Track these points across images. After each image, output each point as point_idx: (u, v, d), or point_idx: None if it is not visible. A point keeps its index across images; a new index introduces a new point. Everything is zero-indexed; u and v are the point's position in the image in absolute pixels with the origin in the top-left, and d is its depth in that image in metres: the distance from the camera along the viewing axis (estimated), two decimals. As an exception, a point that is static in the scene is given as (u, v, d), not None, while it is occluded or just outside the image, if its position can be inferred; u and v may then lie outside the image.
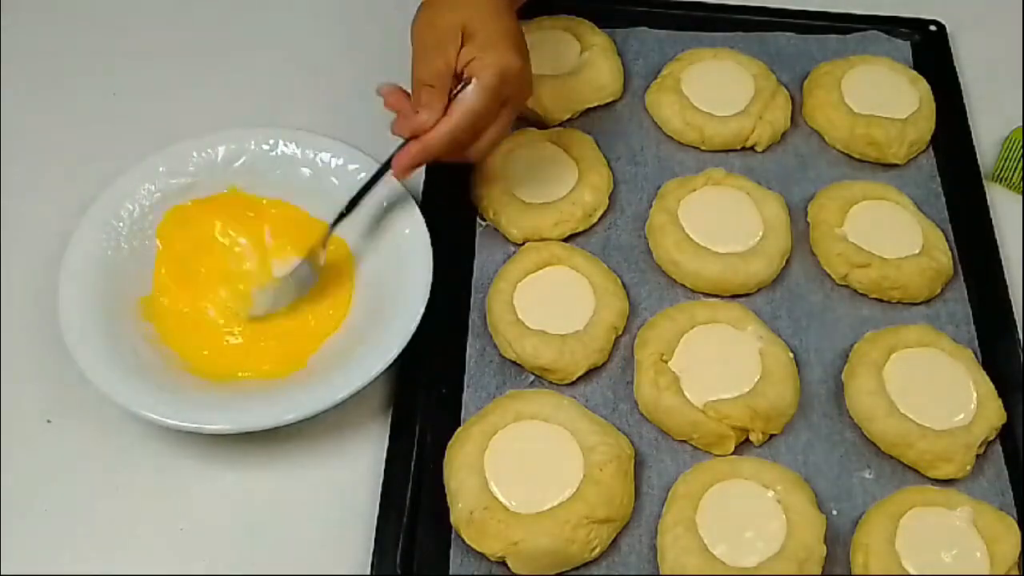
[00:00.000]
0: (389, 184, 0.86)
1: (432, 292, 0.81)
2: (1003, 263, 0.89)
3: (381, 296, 0.83)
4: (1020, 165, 0.96)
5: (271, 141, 0.89)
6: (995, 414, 0.79)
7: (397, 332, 0.79)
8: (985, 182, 0.95)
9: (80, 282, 0.80)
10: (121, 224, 0.84)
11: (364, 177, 0.83)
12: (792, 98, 0.99)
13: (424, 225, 0.84)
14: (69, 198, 0.87)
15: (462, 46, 0.77)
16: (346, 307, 0.85)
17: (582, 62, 0.99)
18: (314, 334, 0.83)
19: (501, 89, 0.77)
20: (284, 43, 1.06)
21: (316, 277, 0.85)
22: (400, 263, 0.83)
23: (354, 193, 0.83)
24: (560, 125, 0.96)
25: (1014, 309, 0.86)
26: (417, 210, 0.85)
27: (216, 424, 0.75)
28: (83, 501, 0.77)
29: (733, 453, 0.79)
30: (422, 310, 0.80)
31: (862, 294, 0.88)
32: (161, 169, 0.87)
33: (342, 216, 0.83)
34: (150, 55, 1.04)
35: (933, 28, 1.05)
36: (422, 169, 0.90)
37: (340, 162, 0.88)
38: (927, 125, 0.97)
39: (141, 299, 0.83)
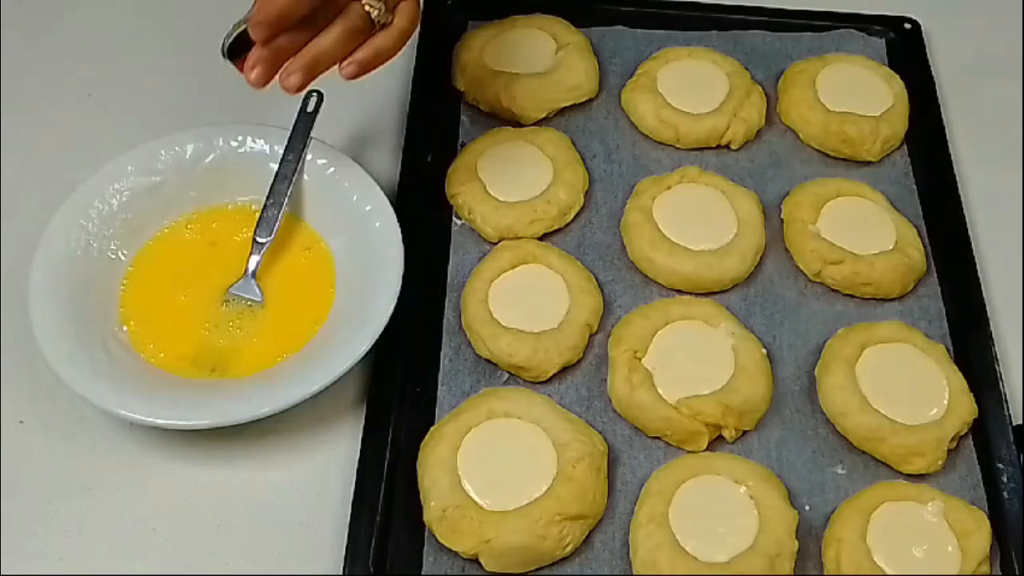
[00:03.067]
0: (361, 181, 0.86)
1: (407, 291, 0.81)
2: (976, 259, 0.89)
3: (353, 291, 0.83)
4: None
5: (239, 138, 0.88)
6: (967, 409, 0.79)
7: (369, 327, 0.78)
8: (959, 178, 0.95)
9: (50, 282, 0.80)
10: (90, 224, 0.84)
11: (333, 171, 0.83)
12: (767, 96, 0.99)
13: (395, 218, 0.84)
14: (39, 198, 0.87)
15: None
16: (325, 303, 0.84)
17: (557, 61, 0.99)
18: (291, 331, 0.83)
19: None
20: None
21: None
22: (371, 257, 0.83)
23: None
24: (536, 124, 0.96)
25: (986, 305, 0.86)
26: (387, 203, 0.85)
27: (189, 420, 0.75)
28: (55, 502, 0.77)
29: (706, 449, 0.79)
30: (394, 304, 0.79)
31: (835, 290, 0.88)
32: (130, 168, 0.86)
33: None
34: (123, 55, 1.03)
35: (908, 26, 1.06)
36: (397, 167, 0.91)
37: (309, 157, 0.88)
38: (901, 122, 0.97)
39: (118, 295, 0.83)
